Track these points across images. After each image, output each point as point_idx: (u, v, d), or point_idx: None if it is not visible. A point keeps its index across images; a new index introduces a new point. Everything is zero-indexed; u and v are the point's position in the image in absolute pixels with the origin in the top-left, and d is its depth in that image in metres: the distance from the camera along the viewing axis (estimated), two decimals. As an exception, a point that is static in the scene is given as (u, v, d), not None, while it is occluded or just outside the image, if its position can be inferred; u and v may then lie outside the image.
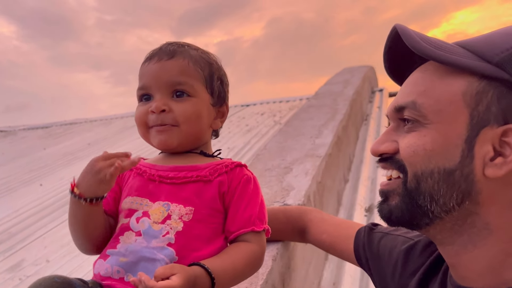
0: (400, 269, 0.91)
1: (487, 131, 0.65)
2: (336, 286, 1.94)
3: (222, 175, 0.95)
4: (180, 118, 0.93)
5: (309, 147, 2.41)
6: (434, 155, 0.68)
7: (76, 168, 5.03)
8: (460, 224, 0.69)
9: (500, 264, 0.67)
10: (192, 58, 0.98)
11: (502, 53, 0.65)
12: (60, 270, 2.60)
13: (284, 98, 7.40)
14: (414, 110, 0.70)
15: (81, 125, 8.43)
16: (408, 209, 0.71)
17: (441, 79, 0.69)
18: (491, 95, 0.65)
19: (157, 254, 0.86)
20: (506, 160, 0.64)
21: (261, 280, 1.15)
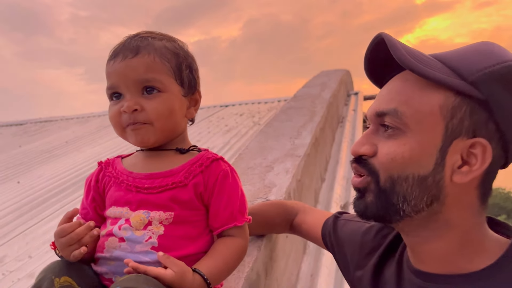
0: (358, 251, 0.99)
1: (458, 142, 0.72)
2: (313, 277, 2.06)
3: (197, 176, 0.97)
4: (152, 116, 0.94)
5: (289, 147, 2.52)
6: (411, 163, 0.73)
7: (53, 166, 5.01)
8: (426, 220, 0.76)
9: (455, 254, 0.76)
10: (157, 51, 0.96)
11: (477, 72, 0.70)
12: (43, 266, 2.63)
13: (263, 99, 7.51)
14: (395, 117, 0.74)
15: (56, 122, 8.31)
16: (383, 207, 0.77)
17: (421, 91, 0.73)
18: (464, 110, 0.71)
19: (142, 258, 0.90)
20: (472, 169, 0.72)
21: (248, 267, 1.24)
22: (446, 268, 0.76)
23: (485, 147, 0.71)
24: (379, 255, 0.93)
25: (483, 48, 0.75)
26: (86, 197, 1.04)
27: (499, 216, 35.90)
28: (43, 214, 3.48)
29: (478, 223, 0.76)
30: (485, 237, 0.76)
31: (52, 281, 0.85)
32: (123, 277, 0.82)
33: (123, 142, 5.74)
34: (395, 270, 0.86)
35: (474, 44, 0.77)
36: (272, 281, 1.53)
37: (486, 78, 0.70)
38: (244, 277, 1.20)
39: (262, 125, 5.33)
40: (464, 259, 0.75)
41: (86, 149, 5.68)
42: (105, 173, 1.04)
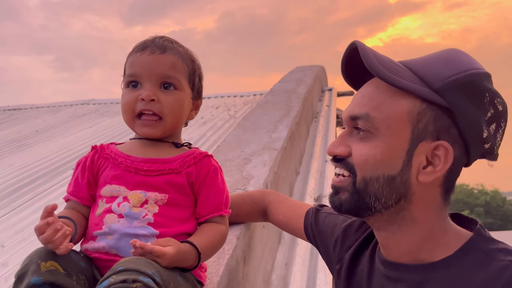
0: (339, 244, 1.06)
1: (423, 145, 0.78)
2: (288, 266, 2.14)
3: (191, 166, 1.07)
4: (166, 109, 1.03)
5: (266, 141, 2.59)
6: (382, 164, 0.79)
7: (24, 155, 4.89)
8: (394, 216, 0.83)
9: (418, 247, 0.82)
10: (180, 55, 1.08)
11: (441, 81, 0.76)
12: (17, 255, 2.60)
13: (239, 92, 7.55)
14: (367, 122, 0.80)
15: (26, 111, 8.07)
16: (356, 204, 0.83)
17: (391, 98, 0.79)
18: (429, 116, 0.77)
19: (139, 231, 0.98)
20: (435, 169, 0.78)
21: (228, 255, 1.30)
22: (409, 258, 0.83)
23: (447, 149, 0.77)
24: (356, 247, 1.00)
25: (449, 56, 0.80)
26: (81, 177, 1.08)
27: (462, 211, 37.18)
28: (15, 203, 3.42)
29: (440, 219, 0.83)
30: (446, 231, 0.82)
31: (39, 265, 0.88)
32: (125, 259, 0.87)
33: (96, 133, 5.67)
34: (368, 260, 0.94)
35: (441, 52, 0.83)
36: (250, 268, 1.59)
37: (449, 87, 0.75)
38: (224, 263, 1.26)
39: (238, 118, 5.38)
40: (425, 251, 0.82)
41: (58, 138, 5.57)
42: (101, 155, 1.09)
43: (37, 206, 3.34)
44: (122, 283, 0.79)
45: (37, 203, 3.41)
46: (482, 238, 0.79)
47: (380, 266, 0.89)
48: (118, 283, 0.79)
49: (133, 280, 0.79)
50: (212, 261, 1.25)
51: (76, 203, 1.08)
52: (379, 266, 0.89)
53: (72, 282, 0.90)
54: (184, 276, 0.97)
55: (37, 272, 0.87)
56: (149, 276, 0.82)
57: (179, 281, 0.94)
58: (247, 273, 1.55)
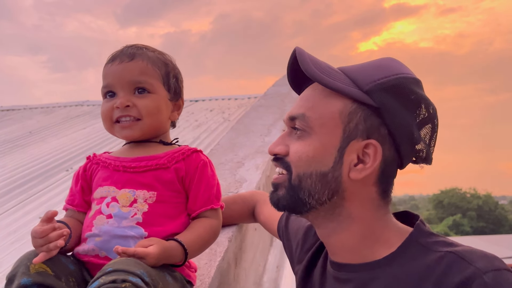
0: (300, 246, 1.09)
1: (354, 143, 0.81)
2: (279, 268, 2.16)
3: (179, 162, 1.08)
4: (143, 111, 1.06)
5: (259, 144, 2.62)
6: (314, 161, 0.83)
7: (17, 156, 4.88)
8: (330, 213, 0.86)
9: (359, 244, 0.85)
10: (150, 59, 1.10)
11: (371, 83, 0.80)
12: (9, 256, 2.60)
13: (233, 95, 7.56)
14: (303, 121, 0.85)
15: (19, 112, 8.03)
16: (292, 200, 0.86)
17: (325, 99, 0.84)
18: (359, 116, 0.81)
19: (128, 232, 1.00)
20: (365, 166, 0.81)
21: (219, 257, 1.32)
22: (353, 258, 0.86)
23: (376, 147, 0.81)
24: (313, 251, 1.02)
25: (383, 63, 0.85)
26: (75, 185, 1.13)
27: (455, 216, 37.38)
28: (8, 205, 3.41)
29: (379, 216, 0.85)
30: (387, 228, 0.85)
31: (28, 267, 0.91)
32: (114, 260, 0.89)
33: (90, 134, 5.67)
34: (321, 264, 0.97)
35: (377, 59, 0.88)
36: (241, 270, 1.62)
37: (378, 88, 0.80)
38: (216, 265, 1.28)
39: (232, 121, 5.40)
40: (367, 249, 0.84)
41: (51, 140, 5.55)
42: (93, 162, 1.13)
43: (30, 208, 3.34)
44: (112, 283, 0.80)
45: (30, 205, 3.40)
46: (421, 233, 0.82)
47: (329, 268, 0.92)
48: (108, 283, 0.80)
49: (122, 280, 0.81)
50: (204, 263, 1.27)
51: (73, 211, 1.11)
52: (329, 268, 0.92)
53: (61, 284, 0.92)
54: (173, 275, 0.99)
55: (26, 273, 0.90)
56: (138, 276, 0.83)
57: (168, 280, 0.95)
58: (238, 275, 1.57)
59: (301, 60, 0.82)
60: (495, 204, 40.36)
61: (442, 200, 40.59)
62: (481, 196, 40.42)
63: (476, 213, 38.34)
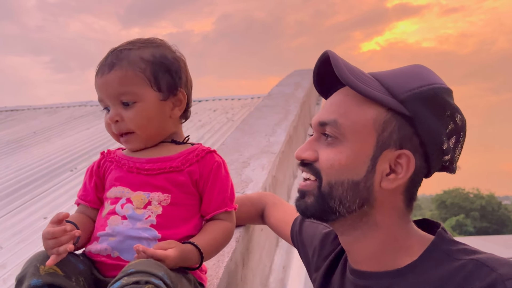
0: (317, 253, 1.08)
1: (387, 152, 0.81)
2: (285, 269, 2.16)
3: (193, 164, 1.06)
4: (131, 125, 1.03)
5: (264, 144, 2.61)
6: (347, 170, 0.82)
7: (22, 156, 4.89)
8: (357, 221, 0.85)
9: (381, 252, 0.84)
10: (130, 64, 1.02)
11: (406, 92, 0.80)
12: (15, 256, 2.61)
13: (236, 96, 7.56)
14: (335, 127, 0.83)
15: (23, 112, 8.05)
16: (321, 208, 0.85)
17: (358, 106, 0.82)
18: (394, 125, 0.80)
19: (142, 233, 0.99)
20: (397, 176, 0.81)
21: (227, 257, 1.32)
22: (375, 265, 0.85)
23: (409, 158, 0.80)
24: (331, 259, 1.01)
25: (416, 70, 0.84)
26: (89, 182, 1.12)
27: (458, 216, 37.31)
28: (13, 205, 3.42)
29: (403, 224, 0.85)
30: (409, 236, 0.85)
31: (38, 268, 0.90)
32: (135, 261, 0.89)
33: (94, 134, 5.67)
34: (340, 272, 0.96)
35: (408, 66, 0.87)
36: (248, 271, 1.61)
37: (413, 98, 0.79)
38: (224, 266, 1.28)
39: (236, 121, 5.40)
40: (389, 257, 0.84)
41: (55, 140, 5.56)
42: (106, 159, 1.12)
43: (35, 208, 3.35)
44: (135, 284, 0.80)
45: (35, 205, 3.41)
46: (443, 240, 0.82)
47: (349, 275, 0.91)
48: (131, 284, 0.80)
49: (146, 281, 0.81)
50: (212, 263, 1.27)
51: (85, 207, 1.11)
52: (349, 276, 0.91)
53: (71, 284, 0.92)
54: (187, 277, 0.99)
55: (36, 274, 0.89)
56: (159, 278, 0.83)
57: (183, 282, 0.96)
58: (245, 276, 1.57)
59: (336, 66, 0.81)
60: (498, 204, 40.26)
61: (445, 200, 40.51)
62: (484, 196, 40.32)
63: (479, 213, 38.25)
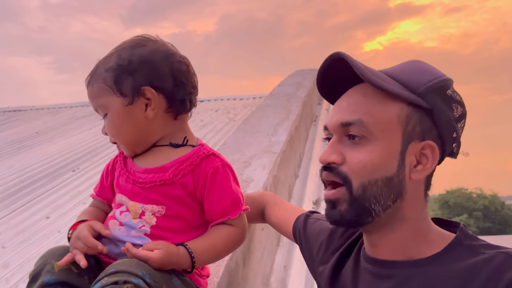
0: (324, 247, 1.08)
1: (412, 145, 0.83)
2: (286, 268, 2.16)
3: (186, 175, 1.01)
4: (111, 135, 1.05)
5: (265, 144, 2.61)
6: (380, 168, 0.82)
7: (24, 156, 4.91)
8: (389, 218, 0.85)
9: (407, 243, 0.86)
10: (95, 78, 1.03)
11: (422, 86, 0.83)
12: (17, 256, 2.63)
13: (238, 95, 7.57)
14: (361, 127, 0.83)
15: (26, 112, 8.09)
16: (358, 212, 0.84)
17: (380, 103, 0.84)
18: (416, 118, 0.83)
19: (136, 240, 1.00)
20: (425, 167, 0.84)
21: (227, 257, 1.32)
22: (398, 256, 0.86)
23: (434, 148, 0.84)
24: (341, 252, 1.02)
25: (420, 66, 0.88)
26: (105, 179, 1.14)
27: (461, 216, 37.20)
28: (16, 205, 3.44)
29: (424, 215, 0.87)
30: (431, 229, 0.87)
31: (52, 265, 0.93)
32: (117, 261, 0.90)
33: (97, 134, 5.69)
34: (353, 263, 0.96)
35: (410, 62, 0.90)
36: (249, 270, 1.62)
37: (429, 91, 0.83)
38: (224, 265, 1.29)
39: (238, 121, 5.40)
40: (414, 248, 0.85)
41: (58, 140, 5.58)
42: (118, 159, 1.12)
43: (38, 208, 3.37)
44: (114, 284, 0.81)
45: (38, 205, 3.43)
46: (466, 236, 0.84)
47: (366, 264, 0.91)
48: (110, 284, 0.81)
49: (124, 281, 0.82)
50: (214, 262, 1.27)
51: (101, 202, 1.13)
52: (366, 265, 0.91)
53: (84, 281, 0.94)
54: (182, 279, 0.98)
55: (50, 271, 0.92)
56: (139, 277, 0.84)
57: (174, 283, 0.94)
58: (246, 275, 1.57)
59: (356, 66, 0.82)
60: (502, 204, 40.11)
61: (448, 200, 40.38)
62: (487, 196, 40.17)
63: (482, 213, 38.10)
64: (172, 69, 1.02)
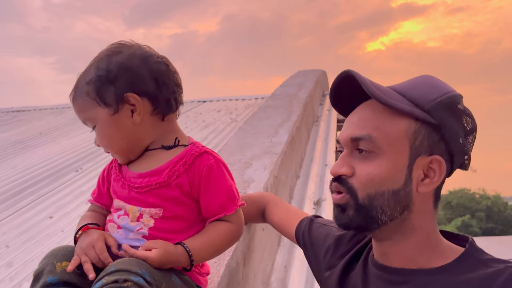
0: (331, 252, 1.10)
1: (420, 159, 0.86)
2: (287, 268, 2.18)
3: (181, 175, 1.02)
4: (103, 146, 1.06)
5: (267, 145, 2.63)
6: (387, 181, 0.86)
7: (28, 156, 4.95)
8: (398, 226, 0.88)
9: (418, 253, 0.89)
10: (78, 93, 1.04)
11: (430, 103, 0.86)
12: (21, 255, 2.65)
13: (240, 96, 7.59)
14: (370, 142, 0.87)
15: (29, 113, 8.14)
16: (364, 219, 0.88)
17: (389, 119, 0.87)
18: (423, 134, 0.86)
19: (134, 243, 1.01)
20: (432, 181, 0.87)
21: (228, 256, 1.34)
22: (408, 264, 0.89)
23: (441, 162, 0.86)
24: (349, 257, 1.04)
25: (430, 81, 0.91)
26: (102, 185, 1.15)
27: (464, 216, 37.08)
28: (19, 205, 3.47)
29: (434, 226, 0.91)
30: (440, 240, 0.90)
31: (54, 265, 0.96)
32: (117, 260, 0.92)
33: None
34: (362, 269, 0.98)
35: (420, 78, 0.94)
36: (249, 270, 1.64)
37: (437, 107, 0.86)
38: (225, 264, 1.30)
39: (240, 122, 5.42)
40: (424, 258, 0.88)
41: (61, 140, 5.62)
42: (112, 166, 1.14)
43: (41, 207, 3.40)
44: (114, 283, 0.83)
45: (41, 204, 3.46)
46: (476, 250, 0.87)
47: (376, 271, 0.93)
48: (110, 283, 0.83)
49: (124, 279, 0.84)
50: (213, 261, 1.29)
51: (99, 207, 1.15)
52: (376, 272, 0.93)
53: (85, 281, 0.95)
54: (182, 278, 1.00)
55: (52, 271, 0.94)
56: (139, 275, 0.86)
57: (174, 281, 0.96)
58: (246, 275, 1.59)
59: (364, 84, 0.86)
60: (505, 205, 39.96)
61: (451, 200, 40.28)
62: (490, 196, 40.03)
63: (485, 214, 37.97)
64: (152, 71, 1.03)
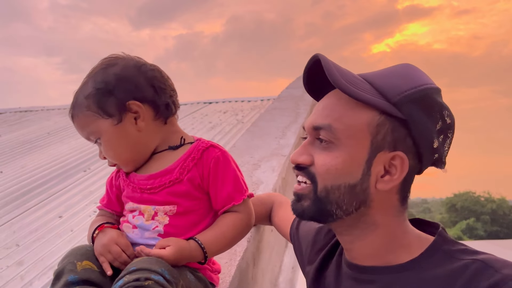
0: (310, 247, 1.11)
1: (381, 155, 0.81)
2: (294, 269, 2.20)
3: (191, 170, 1.06)
4: (109, 157, 1.09)
5: (274, 147, 2.66)
6: (343, 174, 0.82)
7: (36, 156, 4.99)
8: (356, 222, 0.86)
9: (382, 249, 0.86)
10: (78, 109, 1.06)
11: (399, 95, 0.80)
12: (31, 254, 2.69)
13: (246, 98, 7.60)
14: (330, 132, 0.83)
15: (37, 113, 8.19)
16: (318, 211, 0.86)
17: (352, 110, 0.82)
18: (387, 128, 0.80)
19: (150, 241, 1.05)
20: (392, 178, 0.82)
21: (239, 256, 1.37)
22: (375, 261, 0.87)
23: (403, 159, 0.81)
24: (325, 252, 1.04)
25: (405, 71, 0.85)
26: (110, 191, 1.18)
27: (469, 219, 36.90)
28: (29, 204, 3.51)
29: (399, 221, 0.87)
30: (407, 234, 0.87)
31: (75, 264, 0.98)
32: (137, 259, 0.95)
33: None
34: (335, 265, 0.98)
35: (398, 66, 0.87)
36: (258, 270, 1.66)
37: (406, 100, 0.80)
38: (236, 265, 1.33)
39: (246, 123, 5.45)
40: (390, 254, 0.86)
41: (69, 140, 5.66)
42: (119, 174, 1.17)
43: (50, 207, 3.43)
44: (136, 281, 0.86)
45: (50, 204, 3.50)
46: (445, 240, 0.83)
47: (347, 270, 0.93)
48: (132, 281, 0.86)
49: (145, 278, 0.86)
50: (224, 262, 1.32)
51: (110, 213, 1.18)
52: (346, 270, 0.93)
53: (105, 280, 0.99)
54: (196, 275, 1.03)
55: (73, 271, 0.97)
56: (159, 273, 0.88)
57: (189, 278, 1.00)
58: (256, 275, 1.61)
59: (328, 70, 0.81)
60: (510, 208, 39.72)
61: (455, 203, 40.07)
62: (495, 199, 39.82)
63: (490, 217, 37.78)
64: (148, 78, 1.06)
